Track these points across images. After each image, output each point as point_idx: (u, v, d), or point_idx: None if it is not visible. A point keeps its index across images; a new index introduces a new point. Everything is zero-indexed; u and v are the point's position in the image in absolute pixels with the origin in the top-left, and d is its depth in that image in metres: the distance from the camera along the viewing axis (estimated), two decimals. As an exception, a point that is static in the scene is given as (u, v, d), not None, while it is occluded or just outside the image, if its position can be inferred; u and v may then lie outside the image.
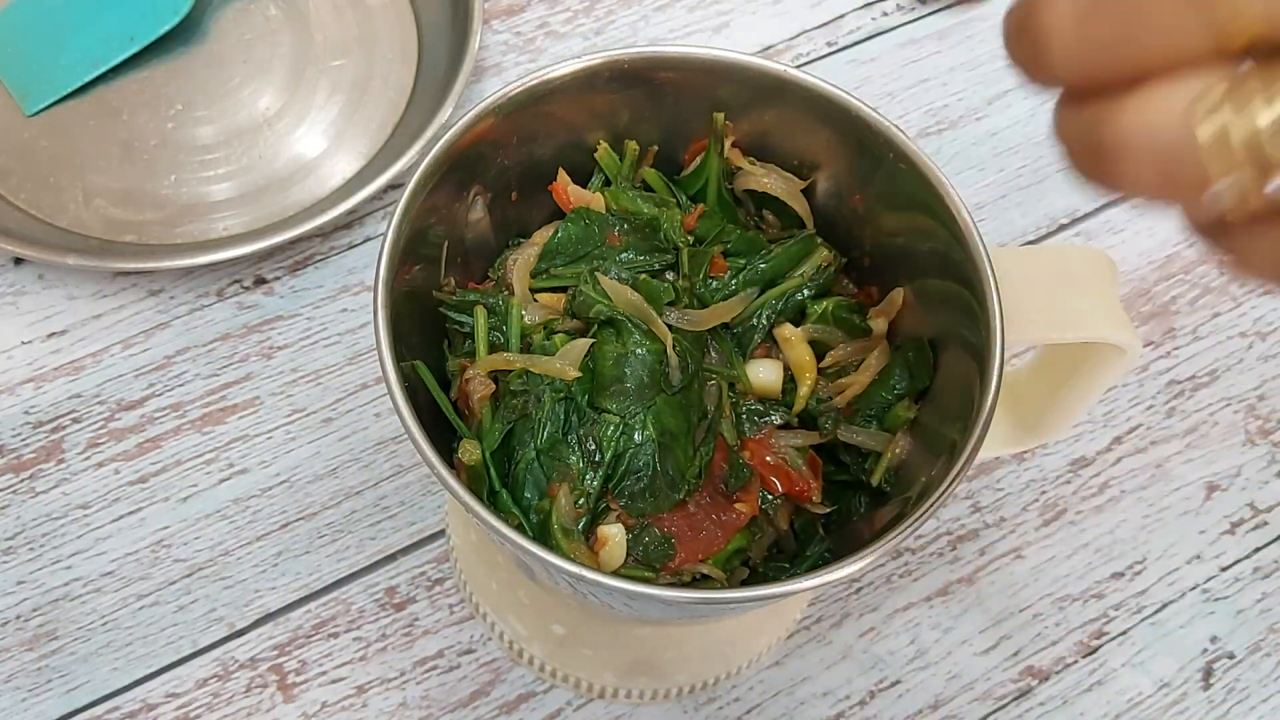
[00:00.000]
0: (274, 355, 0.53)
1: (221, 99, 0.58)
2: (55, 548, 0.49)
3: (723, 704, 0.47)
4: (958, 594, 0.50)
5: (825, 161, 0.39)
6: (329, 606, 0.48)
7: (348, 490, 0.50)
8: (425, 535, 0.50)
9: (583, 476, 0.35)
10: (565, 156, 0.39)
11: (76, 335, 0.53)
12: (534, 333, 0.37)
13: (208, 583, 0.48)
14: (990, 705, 0.48)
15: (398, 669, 0.47)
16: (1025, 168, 0.60)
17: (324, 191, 0.56)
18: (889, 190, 0.37)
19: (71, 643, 0.47)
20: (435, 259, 0.37)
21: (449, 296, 0.38)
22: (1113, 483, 0.53)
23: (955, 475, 0.31)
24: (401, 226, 0.34)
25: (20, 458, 0.50)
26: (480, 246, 0.39)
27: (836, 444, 0.38)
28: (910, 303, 0.38)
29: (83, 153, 0.57)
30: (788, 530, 0.38)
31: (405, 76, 0.60)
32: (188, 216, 0.56)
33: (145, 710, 0.46)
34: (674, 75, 0.38)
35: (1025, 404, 0.41)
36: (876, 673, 0.48)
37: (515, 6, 0.63)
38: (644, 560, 0.35)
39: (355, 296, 0.54)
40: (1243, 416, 0.54)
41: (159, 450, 0.50)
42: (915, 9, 0.64)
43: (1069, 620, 0.50)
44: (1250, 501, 0.53)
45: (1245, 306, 0.57)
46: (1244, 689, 0.49)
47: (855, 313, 0.38)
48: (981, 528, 0.51)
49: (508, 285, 0.38)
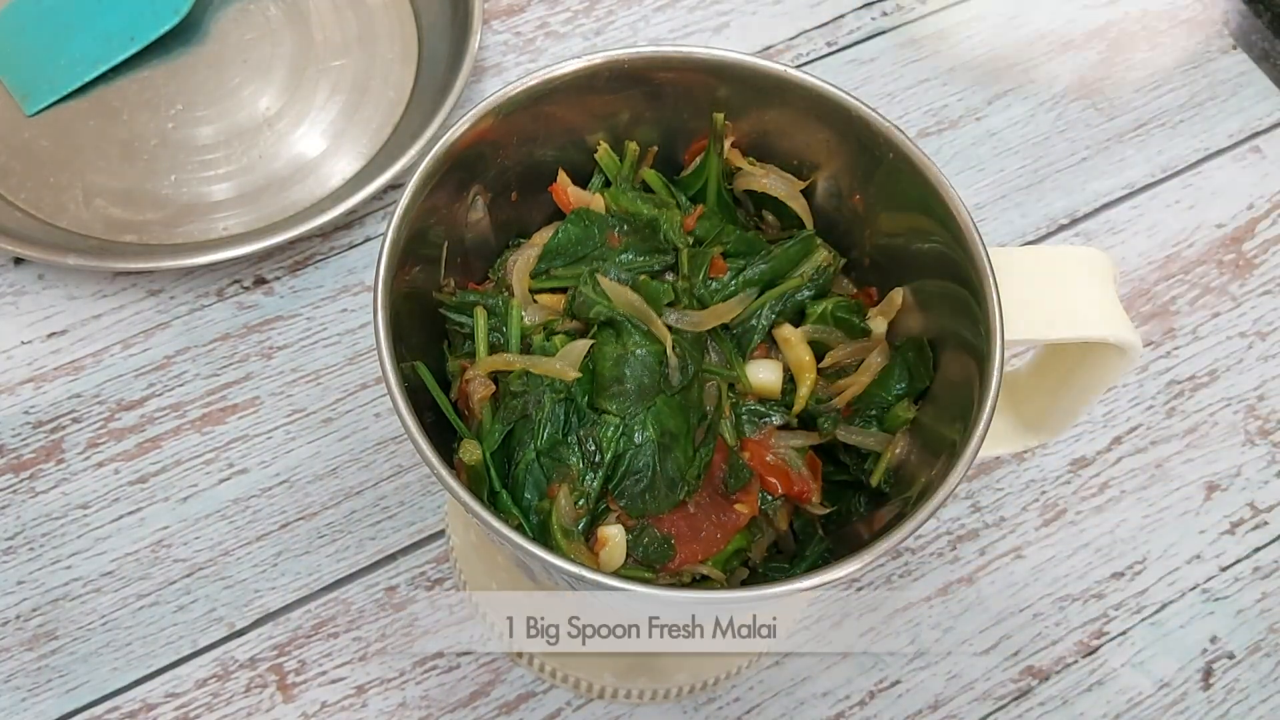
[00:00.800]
0: (274, 355, 0.53)
1: (222, 99, 0.58)
2: (55, 548, 0.49)
3: (722, 704, 0.47)
4: (958, 594, 0.50)
5: (825, 162, 0.39)
6: (329, 606, 0.48)
7: (348, 490, 0.50)
8: (425, 535, 0.50)
9: (583, 477, 0.35)
10: (565, 157, 0.39)
11: (76, 335, 0.53)
12: (534, 333, 0.37)
13: (207, 583, 0.48)
14: (990, 705, 0.48)
15: (397, 669, 0.47)
16: (1025, 168, 0.60)
17: (324, 191, 0.56)
18: (889, 190, 0.37)
19: (71, 642, 0.47)
20: (435, 259, 0.37)
21: (449, 297, 0.38)
22: (1113, 483, 0.53)
23: (956, 476, 0.31)
24: (401, 227, 0.34)
25: (20, 458, 0.50)
26: (480, 247, 0.39)
27: (836, 444, 0.38)
28: (910, 303, 0.38)
29: (83, 153, 0.57)
30: (787, 531, 0.38)
31: (405, 77, 0.60)
32: (188, 216, 0.56)
33: (145, 710, 0.46)
34: (674, 75, 0.38)
35: (1025, 404, 0.41)
36: (876, 673, 0.48)
37: (515, 7, 0.63)
38: (644, 561, 0.35)
39: (355, 296, 0.54)
40: (1242, 416, 0.54)
41: (159, 450, 0.50)
42: (915, 9, 0.64)
43: (1069, 620, 0.50)
44: (1250, 501, 0.53)
45: (1245, 306, 0.57)
46: (1244, 689, 0.49)
47: (855, 313, 0.38)
48: (981, 528, 0.51)
49: (507, 286, 0.38)
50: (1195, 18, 0.65)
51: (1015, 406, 0.41)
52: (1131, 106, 0.62)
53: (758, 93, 0.37)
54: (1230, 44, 0.64)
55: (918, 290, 0.38)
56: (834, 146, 0.38)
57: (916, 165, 0.35)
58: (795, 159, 0.39)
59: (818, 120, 0.37)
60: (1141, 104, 0.62)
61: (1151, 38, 0.64)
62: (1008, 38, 0.63)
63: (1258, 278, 0.58)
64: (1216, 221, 0.59)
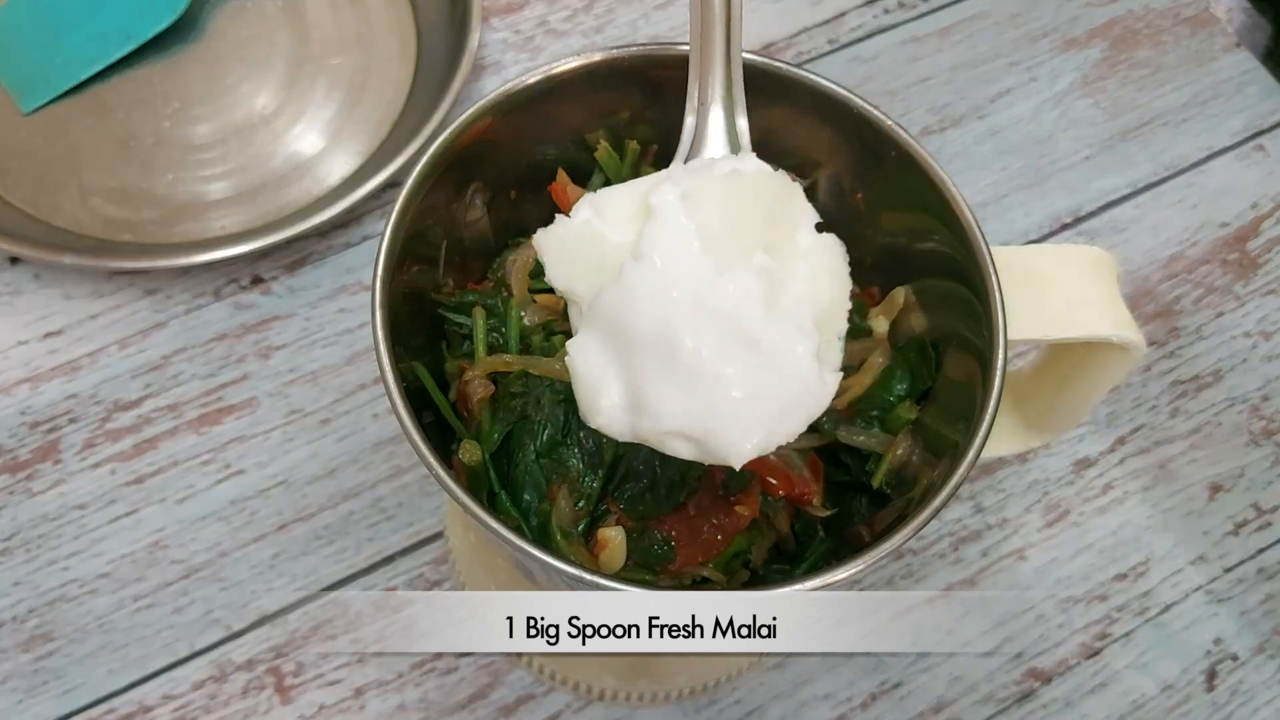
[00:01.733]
0: (271, 355, 0.52)
1: (219, 97, 0.58)
2: (52, 549, 0.48)
3: (723, 706, 0.47)
4: (960, 595, 0.50)
5: (826, 160, 0.38)
6: (327, 608, 0.48)
7: (345, 492, 0.50)
8: (423, 537, 0.49)
9: (582, 478, 0.34)
10: (565, 156, 0.39)
11: (73, 335, 0.52)
12: (533, 334, 0.37)
13: (205, 584, 0.48)
14: (993, 707, 0.48)
15: (395, 671, 0.47)
16: (1027, 167, 0.60)
17: (321, 190, 0.56)
18: (891, 189, 0.37)
19: (68, 644, 0.47)
20: (434, 259, 0.37)
21: (447, 297, 0.37)
22: (1116, 483, 0.52)
23: (958, 477, 0.31)
24: (399, 226, 0.34)
25: (16, 458, 0.50)
26: (479, 246, 0.39)
27: (838, 446, 0.37)
28: (912, 302, 0.38)
29: (79, 151, 0.56)
30: (788, 532, 0.37)
31: (403, 74, 0.60)
32: (184, 215, 0.55)
33: (141, 712, 0.46)
34: (675, 73, 0.37)
35: (1028, 404, 0.41)
36: (879, 675, 0.48)
37: (514, 4, 0.62)
38: (644, 563, 0.35)
39: (353, 296, 0.54)
40: (1246, 417, 0.54)
41: (156, 451, 0.50)
42: (917, 6, 0.64)
43: (1072, 622, 0.49)
44: (1254, 502, 0.52)
45: (1249, 306, 0.57)
46: (1248, 690, 0.49)
47: (856, 313, 0.38)
48: (984, 529, 0.51)
49: (507, 286, 0.38)
50: (1199, 15, 0.64)
51: (1018, 407, 0.41)
52: (1135, 105, 0.62)
53: (759, 91, 0.37)
54: (1234, 42, 0.64)
55: (920, 290, 0.37)
56: (836, 145, 0.38)
57: (919, 164, 0.35)
58: (797, 157, 0.39)
59: (819, 118, 0.37)
60: (1145, 102, 0.62)
61: (1155, 36, 0.64)
62: (1010, 35, 0.63)
63: (1262, 277, 0.57)
64: (1220, 220, 0.59)
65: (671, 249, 0.29)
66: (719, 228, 0.30)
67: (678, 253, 0.29)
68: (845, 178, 0.38)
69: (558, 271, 0.31)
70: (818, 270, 0.31)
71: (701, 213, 0.29)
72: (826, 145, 0.38)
